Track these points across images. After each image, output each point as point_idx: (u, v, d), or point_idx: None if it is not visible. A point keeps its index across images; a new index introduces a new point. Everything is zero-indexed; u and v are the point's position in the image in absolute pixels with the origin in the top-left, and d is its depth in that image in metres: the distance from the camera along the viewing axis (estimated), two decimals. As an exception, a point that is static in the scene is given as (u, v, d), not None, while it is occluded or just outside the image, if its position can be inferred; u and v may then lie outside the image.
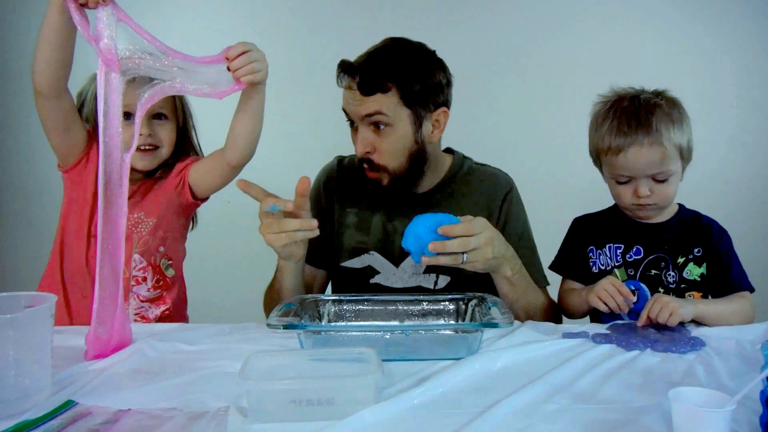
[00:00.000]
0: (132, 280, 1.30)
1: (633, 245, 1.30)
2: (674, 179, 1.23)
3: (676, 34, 2.43)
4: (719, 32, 2.41)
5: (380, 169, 1.28)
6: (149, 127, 1.25)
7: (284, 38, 2.56)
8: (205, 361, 0.97)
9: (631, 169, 1.21)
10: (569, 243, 1.40)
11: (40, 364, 0.82)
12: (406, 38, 1.31)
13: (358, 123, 1.27)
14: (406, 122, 1.26)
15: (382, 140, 1.26)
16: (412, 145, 1.28)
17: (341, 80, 1.26)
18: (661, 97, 1.25)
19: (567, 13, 2.46)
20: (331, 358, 0.88)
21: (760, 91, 2.43)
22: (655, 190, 1.22)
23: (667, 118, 1.20)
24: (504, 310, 1.01)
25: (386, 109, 1.23)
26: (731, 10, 2.40)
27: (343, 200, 1.41)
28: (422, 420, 0.76)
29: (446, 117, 1.32)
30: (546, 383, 0.86)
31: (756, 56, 2.41)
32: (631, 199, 1.25)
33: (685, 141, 1.22)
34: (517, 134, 2.49)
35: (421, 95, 1.25)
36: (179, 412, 0.77)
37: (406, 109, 1.25)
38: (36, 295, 0.86)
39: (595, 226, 1.37)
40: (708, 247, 1.26)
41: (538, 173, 2.31)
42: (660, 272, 1.27)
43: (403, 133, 1.26)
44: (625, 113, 1.22)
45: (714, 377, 0.88)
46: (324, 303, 1.18)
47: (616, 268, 1.31)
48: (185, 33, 2.57)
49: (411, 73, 1.25)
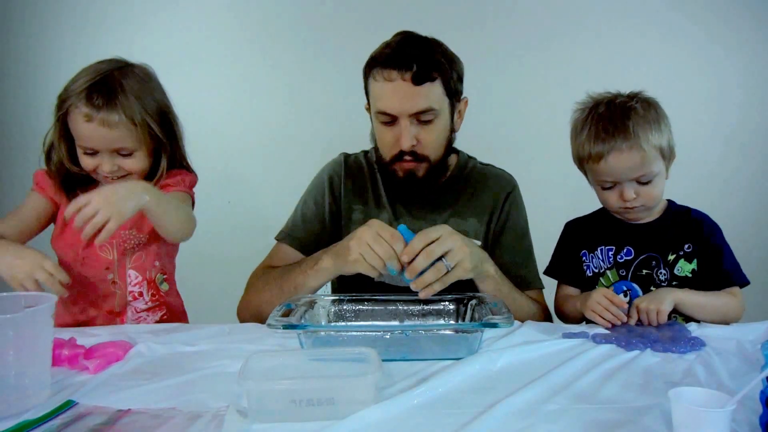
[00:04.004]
0: (129, 295, 1.30)
1: (624, 246, 1.31)
2: (658, 180, 1.23)
3: (675, 35, 2.43)
4: (719, 33, 2.41)
5: (423, 160, 1.29)
6: (112, 162, 1.22)
7: (286, 38, 2.56)
8: (205, 361, 0.97)
9: (613, 174, 1.22)
10: (562, 247, 1.41)
11: (40, 364, 0.83)
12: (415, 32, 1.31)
13: (402, 117, 1.25)
14: (447, 112, 1.29)
15: (428, 132, 1.27)
16: (449, 134, 1.33)
17: (378, 73, 1.24)
18: (636, 99, 1.25)
19: (568, 14, 2.46)
20: (331, 358, 0.88)
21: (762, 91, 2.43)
22: (640, 192, 1.23)
23: (643, 121, 1.21)
24: (504, 310, 1.01)
25: (435, 100, 1.25)
26: (731, 11, 2.40)
27: (349, 197, 1.41)
28: (422, 420, 0.75)
29: (466, 106, 1.37)
30: (546, 383, 0.85)
31: (756, 56, 2.41)
32: (617, 203, 1.26)
33: (664, 141, 1.22)
34: (518, 134, 2.49)
35: (455, 85, 1.29)
36: (179, 412, 0.77)
37: (447, 99, 1.28)
38: (36, 295, 0.86)
39: (586, 229, 1.38)
40: (699, 241, 1.27)
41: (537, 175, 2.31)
42: (651, 271, 1.28)
43: (446, 124, 1.30)
44: (602, 119, 1.23)
45: (714, 377, 0.88)
46: (324, 303, 1.18)
47: (608, 270, 1.31)
48: (186, 31, 2.58)
49: (450, 63, 1.27)
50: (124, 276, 1.30)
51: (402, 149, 1.27)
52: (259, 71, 2.59)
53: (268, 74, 2.58)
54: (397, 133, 1.26)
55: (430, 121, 1.25)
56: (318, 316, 1.15)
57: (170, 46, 2.56)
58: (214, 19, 2.58)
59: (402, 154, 1.28)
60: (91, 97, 1.17)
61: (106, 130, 1.18)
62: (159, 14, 2.56)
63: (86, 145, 1.20)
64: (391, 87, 1.23)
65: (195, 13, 2.58)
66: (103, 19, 2.53)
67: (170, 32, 2.57)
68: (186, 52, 2.57)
